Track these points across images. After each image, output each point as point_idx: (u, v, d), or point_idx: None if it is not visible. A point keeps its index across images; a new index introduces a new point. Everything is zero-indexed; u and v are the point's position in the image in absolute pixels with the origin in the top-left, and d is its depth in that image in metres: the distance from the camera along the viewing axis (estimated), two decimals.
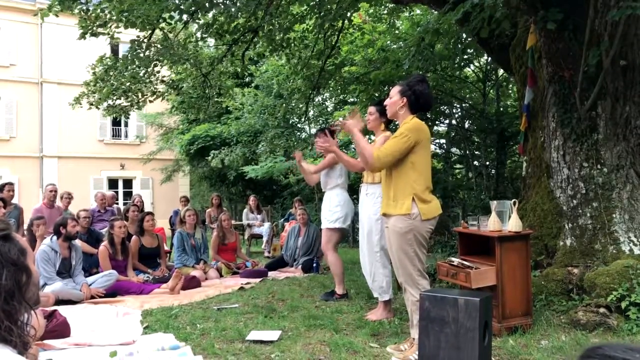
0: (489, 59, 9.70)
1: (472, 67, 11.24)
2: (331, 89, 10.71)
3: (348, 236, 10.81)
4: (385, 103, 3.33)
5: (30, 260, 1.05)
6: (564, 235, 4.42)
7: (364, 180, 4.31)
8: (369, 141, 3.76)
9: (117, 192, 19.92)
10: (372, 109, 4.21)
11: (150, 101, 8.72)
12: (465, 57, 9.46)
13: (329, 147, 3.77)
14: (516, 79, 5.66)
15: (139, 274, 6.19)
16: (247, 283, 6.03)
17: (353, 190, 8.96)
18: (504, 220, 3.76)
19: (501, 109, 11.03)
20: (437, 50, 8.33)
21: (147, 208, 12.51)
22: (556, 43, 4.42)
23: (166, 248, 7.74)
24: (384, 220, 3.36)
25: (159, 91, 8.73)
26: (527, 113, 5.08)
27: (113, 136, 20.69)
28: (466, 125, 11.98)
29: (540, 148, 4.87)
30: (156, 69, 7.86)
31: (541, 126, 4.85)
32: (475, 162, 11.56)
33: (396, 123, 3.50)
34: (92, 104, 8.34)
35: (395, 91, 3.26)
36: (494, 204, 3.79)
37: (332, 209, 4.90)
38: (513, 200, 3.77)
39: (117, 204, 17.31)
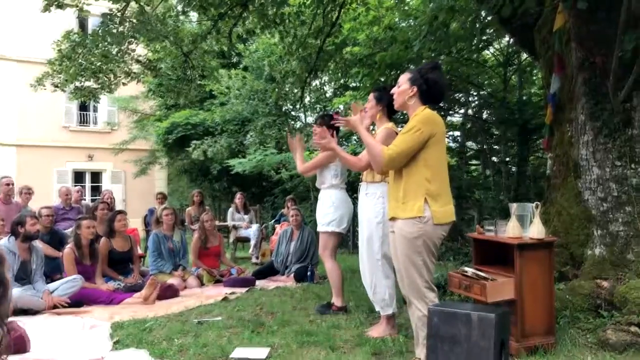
0: (511, 40, 9.70)
1: (491, 49, 11.23)
2: (330, 72, 10.67)
3: (348, 241, 10.83)
4: (392, 91, 3.33)
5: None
6: (593, 243, 4.44)
7: (364, 178, 4.32)
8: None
9: (83, 187, 19.90)
10: (370, 95, 4.23)
11: (124, 83, 8.72)
12: (484, 38, 9.45)
13: (326, 144, 3.76)
14: (541, 64, 5.67)
15: (109, 281, 6.19)
16: (232, 293, 6.05)
17: (354, 188, 8.97)
18: (524, 225, 3.78)
19: (524, 97, 11.04)
20: (452, 30, 8.31)
21: (119, 206, 12.49)
22: (587, 24, 4.43)
23: (140, 252, 7.75)
24: (389, 225, 3.36)
25: (134, 72, 8.72)
26: (553, 103, 5.09)
27: (80, 123, 20.61)
28: (484, 116, 11.99)
29: (568, 144, 4.88)
30: (131, 46, 7.85)
31: (569, 119, 4.87)
32: (494, 158, 11.59)
33: (404, 113, 3.51)
34: (56, 86, 8.32)
35: (404, 79, 3.26)
36: (513, 206, 3.81)
37: (326, 211, 4.91)
38: (535, 202, 3.78)
39: (84, 200, 17.28)
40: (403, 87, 3.25)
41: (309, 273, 6.87)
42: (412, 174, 3.12)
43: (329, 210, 4.92)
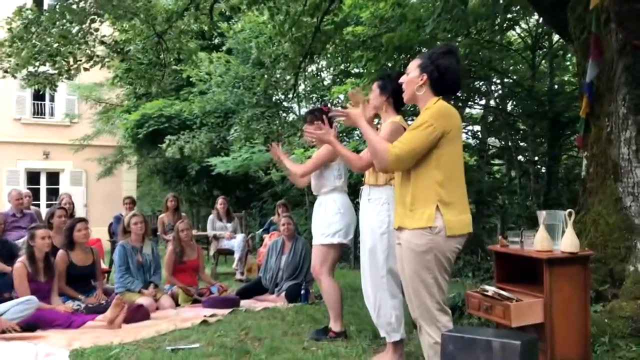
0: (540, 19, 9.74)
1: (517, 30, 11.27)
2: (329, 56, 10.71)
3: (349, 254, 10.84)
4: (401, 81, 3.33)
5: None
6: (635, 257, 4.45)
7: (366, 181, 4.31)
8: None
9: (38, 190, 19.85)
10: (374, 85, 4.23)
11: (86, 69, 8.70)
12: (509, 17, 9.48)
13: (322, 135, 3.75)
14: (576, 47, 5.68)
15: (67, 300, 6.18)
16: (212, 315, 6.03)
17: (355, 191, 8.95)
18: (555, 236, 3.78)
19: (555, 86, 11.08)
20: (471, 6, 8.36)
21: (79, 212, 12.45)
22: (629, 2, 4.45)
23: (104, 266, 7.72)
24: (395, 235, 3.36)
25: (98, 55, 8.70)
26: (589, 94, 5.10)
27: (34, 114, 20.57)
28: (508, 108, 12.02)
29: (606, 141, 4.89)
30: (94, 25, 7.84)
31: (607, 112, 4.88)
32: (520, 157, 11.61)
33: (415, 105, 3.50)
34: (7, 71, 8.30)
35: (413, 65, 3.26)
36: (542, 214, 3.81)
37: (329, 219, 4.88)
38: (568, 210, 3.79)
39: (38, 205, 17.25)
40: (412, 76, 3.24)
41: (302, 292, 6.86)
42: (421, 176, 3.11)
43: (335, 218, 4.89)
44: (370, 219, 4.23)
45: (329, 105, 11.86)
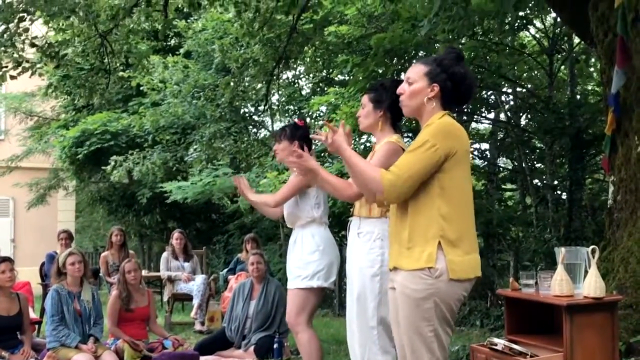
0: (558, 18, 9.86)
1: (531, 30, 11.39)
2: (307, 60, 10.74)
3: (333, 297, 10.80)
4: (399, 91, 3.28)
5: None
6: None
7: (356, 212, 4.29)
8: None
9: None
10: (364, 98, 4.22)
11: (13, 77, 8.66)
12: (521, 14, 9.58)
13: (303, 163, 3.73)
14: (599, 52, 5.74)
15: None
16: None
17: (341, 223, 8.89)
18: (577, 278, 3.79)
19: (577, 97, 11.17)
20: (476, 2, 8.44)
21: (4, 249, 12.32)
22: None
23: (33, 316, 7.63)
24: (390, 278, 3.33)
25: (28, 60, 8.67)
26: (615, 107, 5.14)
27: None
28: (522, 122, 12.10)
29: (637, 163, 4.93)
30: (23, 24, 7.82)
31: (637, 129, 4.92)
32: (536, 181, 11.66)
33: (409, 120, 3.50)
34: None
35: (418, 73, 3.19)
36: (561, 252, 3.81)
37: (307, 258, 4.84)
38: (592, 246, 3.80)
39: None
40: (418, 86, 3.16)
41: (275, 346, 6.82)
42: (422, 207, 3.07)
43: (313, 257, 4.83)
44: (359, 257, 4.18)
45: (305, 119, 11.89)
